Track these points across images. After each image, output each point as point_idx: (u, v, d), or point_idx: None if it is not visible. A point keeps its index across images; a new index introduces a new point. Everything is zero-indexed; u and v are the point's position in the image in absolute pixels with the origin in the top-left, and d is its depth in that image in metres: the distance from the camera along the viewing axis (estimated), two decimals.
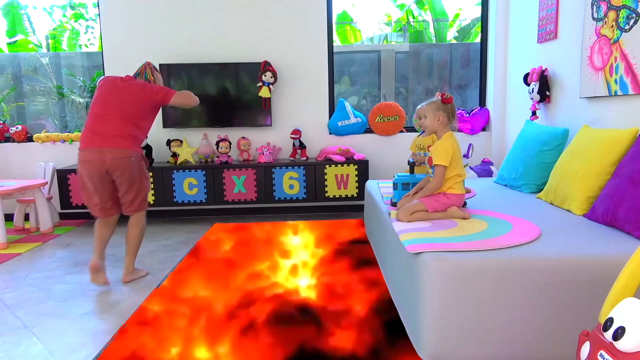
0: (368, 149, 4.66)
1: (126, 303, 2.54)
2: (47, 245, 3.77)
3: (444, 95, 2.39)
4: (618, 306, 1.22)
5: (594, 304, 1.65)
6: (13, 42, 7.09)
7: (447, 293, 1.75)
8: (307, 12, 4.51)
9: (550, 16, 3.41)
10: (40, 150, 4.63)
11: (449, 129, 2.41)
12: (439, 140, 2.39)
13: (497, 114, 4.52)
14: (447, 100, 2.38)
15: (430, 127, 2.43)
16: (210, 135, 4.56)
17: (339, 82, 5.74)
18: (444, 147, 2.32)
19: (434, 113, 2.38)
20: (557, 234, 2.03)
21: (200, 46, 4.51)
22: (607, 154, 2.35)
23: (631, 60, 2.51)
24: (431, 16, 8.22)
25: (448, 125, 2.40)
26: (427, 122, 2.42)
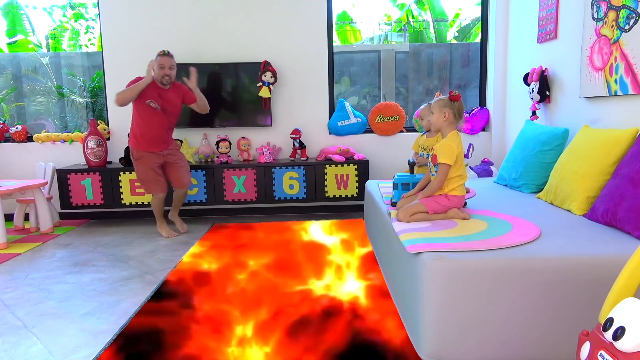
0: (368, 149, 4.66)
1: (126, 303, 2.55)
2: (47, 245, 3.77)
3: (452, 92, 2.33)
4: (618, 306, 1.22)
5: (594, 304, 1.66)
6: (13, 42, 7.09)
7: (447, 293, 1.75)
8: (307, 12, 4.51)
9: (550, 16, 3.41)
10: (40, 150, 4.63)
11: (455, 128, 2.36)
12: (444, 139, 2.34)
13: (497, 114, 4.52)
14: (454, 98, 2.32)
15: (435, 123, 2.38)
16: (210, 135, 4.56)
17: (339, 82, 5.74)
18: (449, 146, 2.28)
19: (440, 109, 2.33)
20: (557, 234, 2.03)
21: (200, 46, 4.51)
22: (607, 154, 2.35)
23: (631, 60, 2.51)
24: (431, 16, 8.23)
25: (454, 124, 2.35)
26: (433, 118, 2.37)
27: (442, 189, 2.34)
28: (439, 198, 2.33)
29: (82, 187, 4.28)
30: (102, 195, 4.29)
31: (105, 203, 4.30)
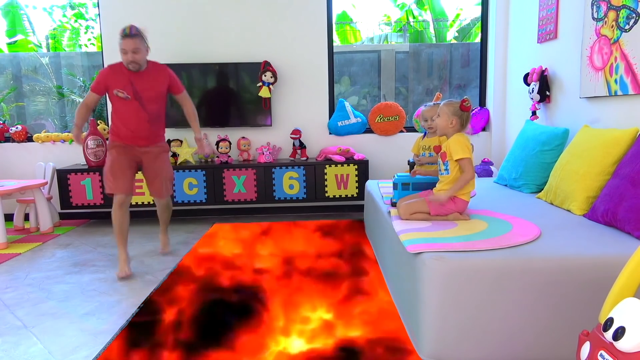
0: (368, 149, 4.66)
1: (126, 303, 2.54)
2: (47, 245, 3.76)
3: (465, 102, 2.32)
4: (618, 306, 1.22)
5: (594, 304, 1.66)
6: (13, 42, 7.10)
7: (447, 293, 1.75)
8: (307, 12, 4.51)
9: (550, 16, 3.41)
10: (40, 150, 4.63)
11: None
12: (451, 139, 2.32)
13: (497, 114, 4.52)
14: (465, 108, 2.32)
15: (441, 127, 2.36)
16: (210, 135, 4.56)
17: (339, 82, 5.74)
18: (459, 141, 2.27)
19: (448, 116, 2.32)
20: (557, 234, 2.03)
21: (200, 46, 4.51)
22: (607, 154, 2.35)
23: (631, 60, 2.51)
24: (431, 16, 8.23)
25: (459, 132, 2.34)
26: (440, 121, 2.36)
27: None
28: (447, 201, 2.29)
29: (82, 187, 4.28)
30: (102, 195, 4.29)
31: (105, 203, 4.30)
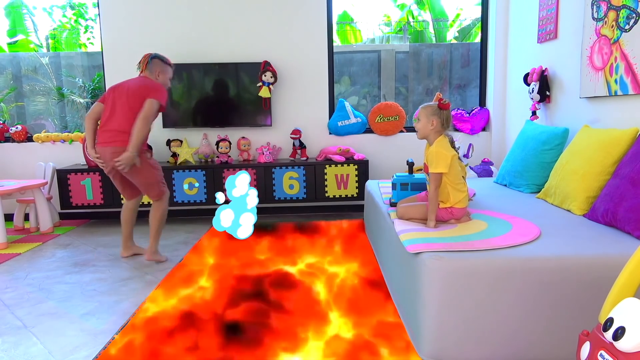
0: (368, 149, 4.66)
1: (126, 303, 2.54)
2: (46, 245, 3.76)
3: (442, 100, 2.24)
4: (618, 306, 1.22)
5: (594, 304, 1.66)
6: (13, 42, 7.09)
7: (447, 293, 1.75)
8: (307, 12, 4.51)
9: (550, 16, 3.41)
10: (40, 150, 4.63)
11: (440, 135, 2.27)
12: (433, 146, 2.25)
13: (497, 114, 4.52)
14: (444, 106, 2.24)
15: (422, 131, 2.28)
16: (210, 135, 4.56)
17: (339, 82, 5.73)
18: (439, 153, 2.19)
19: (427, 117, 2.25)
20: (557, 234, 2.03)
21: (200, 46, 4.51)
22: (607, 154, 2.35)
23: (631, 60, 2.51)
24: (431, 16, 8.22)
25: (440, 132, 2.26)
26: (420, 125, 2.28)
27: (445, 202, 2.25)
28: (443, 212, 2.26)
29: (82, 187, 4.28)
30: (102, 195, 4.29)
31: (105, 203, 4.30)
